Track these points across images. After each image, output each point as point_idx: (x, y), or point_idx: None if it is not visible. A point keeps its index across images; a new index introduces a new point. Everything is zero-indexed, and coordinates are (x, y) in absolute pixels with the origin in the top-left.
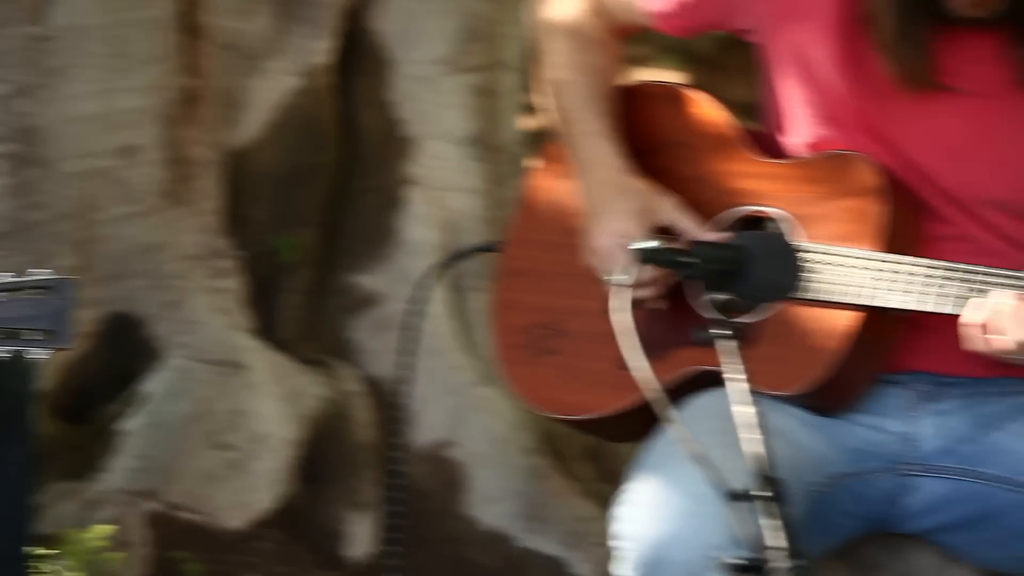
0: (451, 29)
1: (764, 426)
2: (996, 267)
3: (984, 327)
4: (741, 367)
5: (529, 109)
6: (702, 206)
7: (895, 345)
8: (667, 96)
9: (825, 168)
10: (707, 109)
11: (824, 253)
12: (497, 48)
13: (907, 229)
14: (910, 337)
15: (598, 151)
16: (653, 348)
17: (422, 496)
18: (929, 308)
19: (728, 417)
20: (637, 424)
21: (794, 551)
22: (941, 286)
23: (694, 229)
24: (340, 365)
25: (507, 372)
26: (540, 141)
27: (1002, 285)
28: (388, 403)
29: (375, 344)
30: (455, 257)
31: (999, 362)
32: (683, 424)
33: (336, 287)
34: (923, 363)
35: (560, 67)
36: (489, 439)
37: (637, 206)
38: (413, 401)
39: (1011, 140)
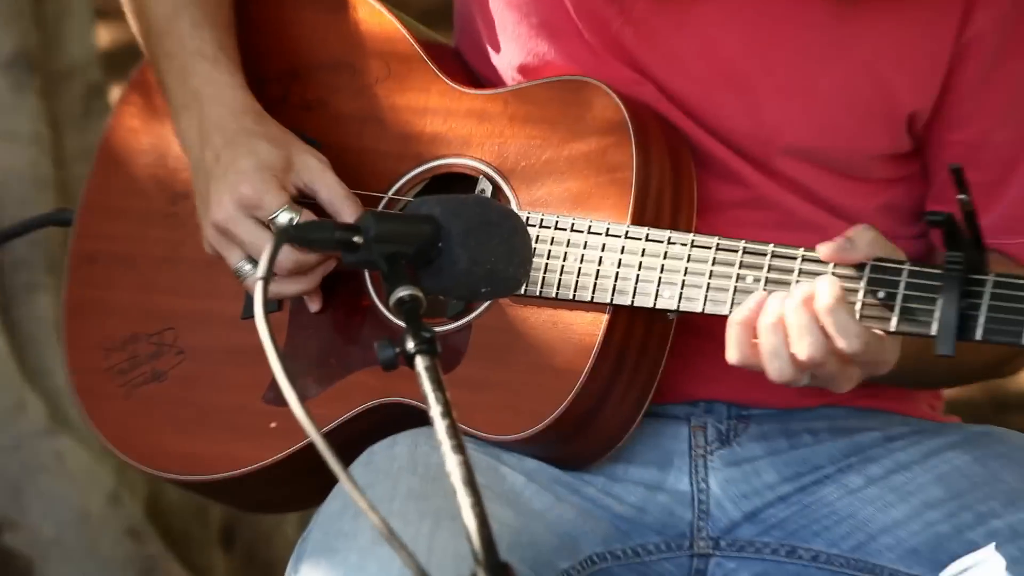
0: None
1: (478, 487)
2: (811, 246)
3: (754, 331)
4: (445, 398)
5: (106, 15)
6: (373, 159)
7: (668, 364)
8: None
9: (547, 102)
10: (372, 14)
11: (555, 227)
12: None
13: (675, 190)
14: (691, 352)
15: (209, 81)
16: (319, 371)
17: None
18: (719, 310)
19: (432, 474)
20: (294, 486)
21: None
22: (739, 277)
23: (345, 198)
24: None
25: (89, 411)
26: (125, 64)
27: (817, 274)
28: None
29: None
30: (3, 236)
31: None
32: (365, 486)
33: None
34: (711, 389)
35: None
36: (64, 517)
37: (272, 161)
38: None
39: (810, 51)
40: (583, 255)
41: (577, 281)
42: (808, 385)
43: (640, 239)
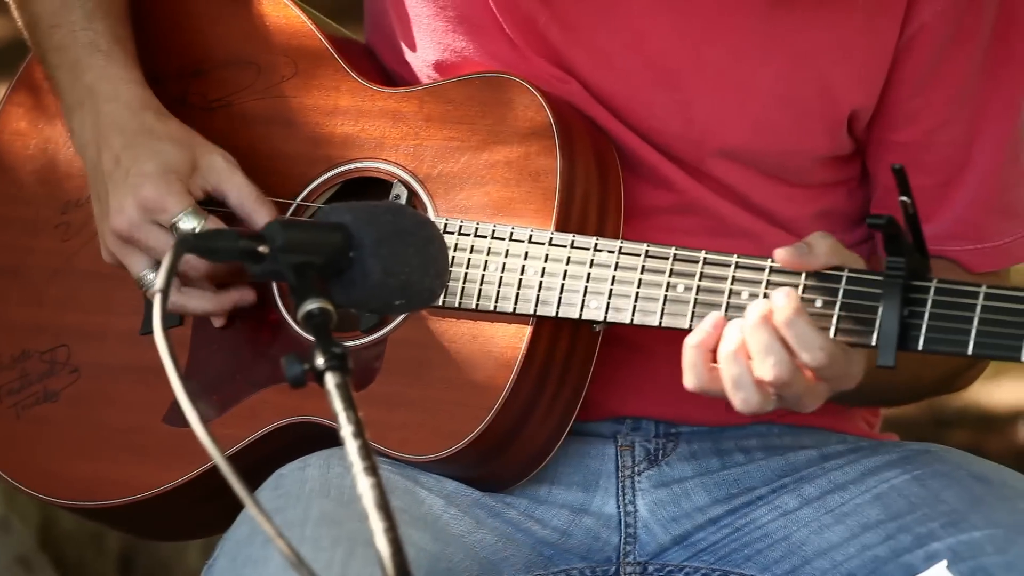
0: None
1: (392, 511)
2: (746, 253)
3: (712, 355)
4: (356, 418)
5: None
6: (280, 163)
7: (594, 379)
8: None
9: (465, 101)
10: (277, 7)
11: (474, 235)
12: None
13: (602, 195)
14: (618, 365)
15: (105, 76)
16: (224, 389)
17: None
18: (649, 321)
19: (346, 497)
20: (197, 511)
21: None
22: (669, 286)
23: (256, 200)
24: None
25: None
26: (10, 60)
27: (753, 283)
28: None
29: None
30: None
31: None
32: (274, 510)
33: None
34: (638, 405)
35: None
36: None
37: (176, 162)
38: None
39: (745, 45)
40: (504, 264)
41: (498, 291)
42: (775, 408)
43: (565, 246)
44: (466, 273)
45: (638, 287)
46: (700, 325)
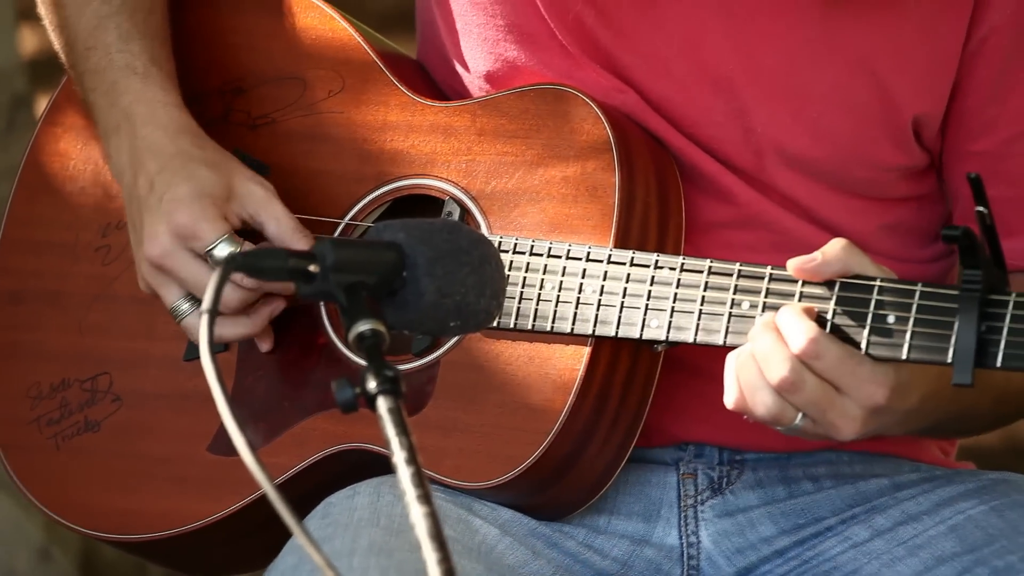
0: None
1: (446, 541)
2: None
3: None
4: (410, 443)
5: (30, 18)
6: (327, 181)
7: (655, 403)
8: (255, 0)
9: (519, 114)
10: (323, 20)
11: (530, 253)
12: None
13: (662, 210)
14: (680, 389)
15: (141, 99)
16: (272, 416)
17: None
18: (713, 340)
19: (396, 526)
20: (243, 544)
21: None
22: (734, 303)
23: (295, 231)
24: None
25: (15, 466)
26: (54, 73)
27: (822, 298)
28: None
29: None
30: None
31: None
32: (322, 539)
33: None
34: (702, 431)
35: None
36: None
37: (211, 188)
38: None
39: (802, 51)
40: (561, 282)
41: (555, 311)
42: (803, 429)
43: (624, 264)
44: (522, 292)
45: (701, 304)
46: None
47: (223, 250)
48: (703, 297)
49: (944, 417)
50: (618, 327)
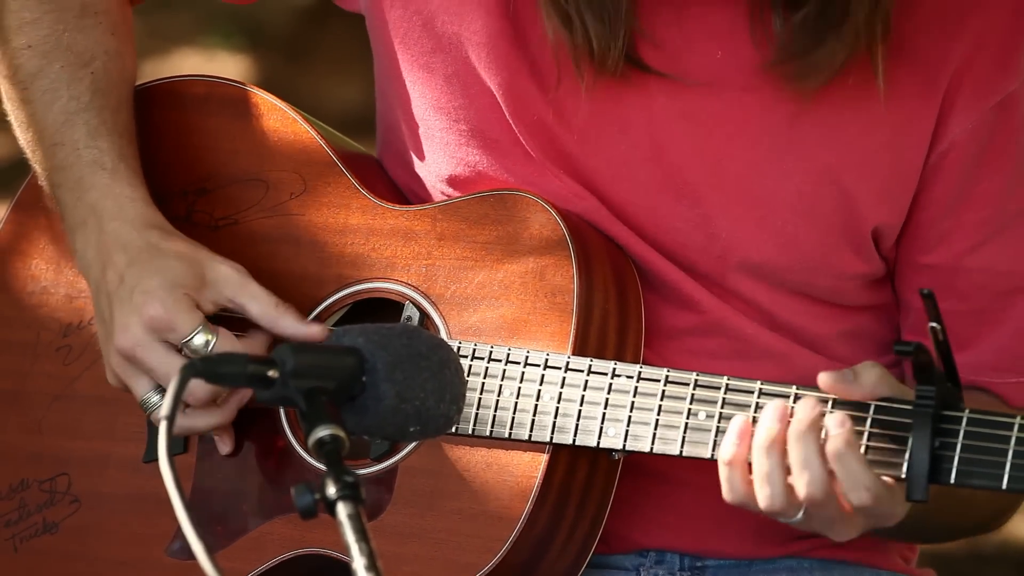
0: None
1: None
2: (772, 380)
3: (748, 467)
4: (370, 550)
5: None
6: (289, 283)
7: (614, 509)
8: (220, 102)
9: (479, 219)
10: (286, 123)
11: (489, 359)
12: None
13: (621, 316)
14: (639, 495)
15: (109, 194)
16: (230, 520)
17: None
18: (669, 450)
19: None
20: None
21: None
22: (690, 413)
23: (278, 307)
24: None
25: None
26: (11, 179)
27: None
28: None
29: None
30: None
31: (775, 532)
32: None
33: None
34: (662, 537)
35: (33, 53)
36: None
37: (183, 278)
38: None
39: (767, 159)
40: (520, 389)
41: (513, 418)
42: (800, 524)
43: (582, 371)
44: (480, 398)
45: (658, 414)
46: (727, 436)
47: (199, 340)
48: (660, 407)
49: (907, 526)
50: (575, 435)
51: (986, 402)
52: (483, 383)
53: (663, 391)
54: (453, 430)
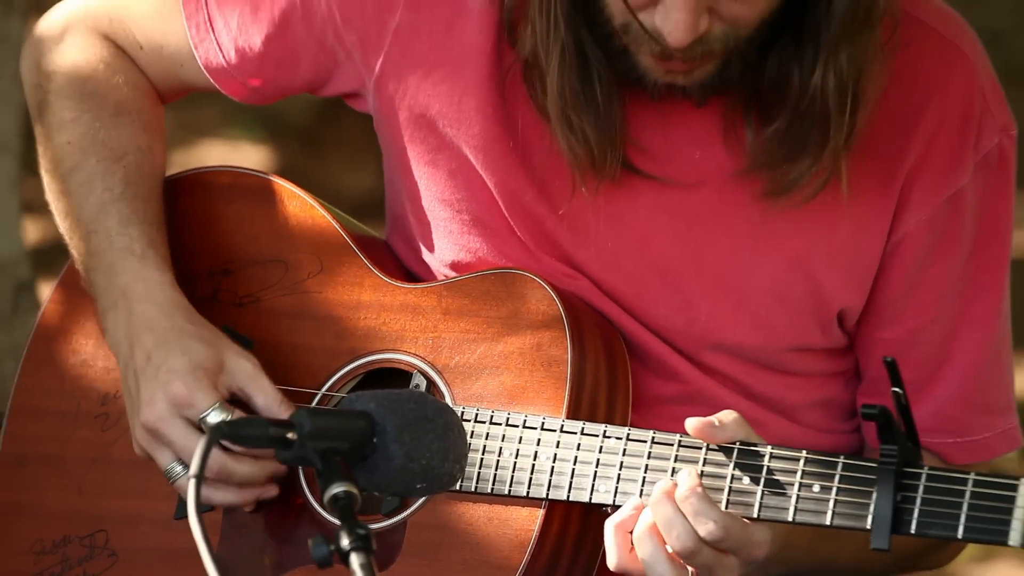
0: None
1: None
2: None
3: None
4: None
5: (33, 210)
6: (306, 355)
7: (603, 560)
8: (243, 190)
9: (481, 295)
10: (303, 209)
11: (490, 422)
12: None
13: (610, 384)
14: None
15: (138, 278)
16: (254, 571)
17: None
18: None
19: None
20: None
21: None
22: (674, 471)
23: (281, 404)
24: None
25: None
26: (55, 260)
27: (754, 468)
28: None
29: None
30: None
31: None
32: None
33: None
34: None
35: (72, 148)
36: None
37: (204, 361)
38: None
39: (742, 249)
40: (518, 449)
41: (512, 476)
42: None
43: (575, 433)
44: (482, 458)
45: (645, 472)
46: (622, 508)
47: (215, 417)
48: (647, 466)
49: (801, 564)
50: (569, 491)
51: (930, 459)
52: (485, 444)
53: (649, 451)
54: (457, 487)
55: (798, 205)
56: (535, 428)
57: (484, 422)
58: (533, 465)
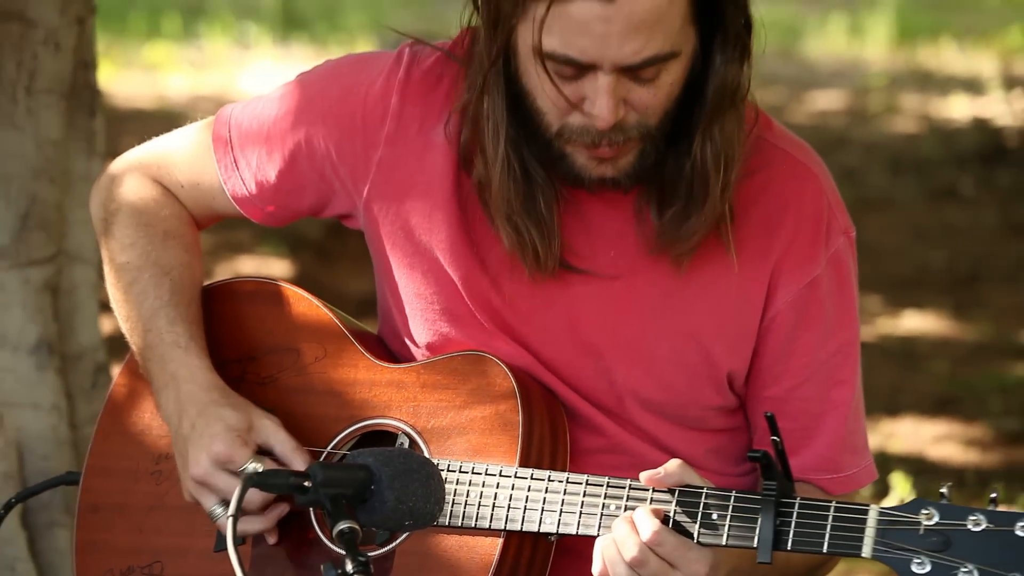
0: (10, 216)
1: None
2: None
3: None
4: None
5: (109, 310)
6: (314, 422)
7: None
8: (264, 294)
9: (450, 372)
10: (311, 308)
11: (459, 471)
12: (66, 237)
13: (553, 440)
14: (568, 569)
15: (184, 364)
16: None
17: None
18: (590, 532)
19: None
20: None
21: None
22: (604, 506)
23: (294, 451)
24: None
25: None
26: (125, 348)
27: (666, 502)
28: None
29: None
30: (28, 493)
31: None
32: None
33: None
34: None
35: (131, 267)
36: None
37: (236, 424)
38: None
39: (649, 326)
40: (482, 492)
41: (478, 512)
42: None
43: (526, 479)
44: (454, 499)
45: (581, 507)
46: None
47: (251, 467)
48: (583, 502)
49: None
50: (522, 523)
51: (812, 492)
52: (455, 488)
53: (584, 491)
54: (437, 523)
55: (692, 288)
56: (495, 475)
57: (455, 471)
58: (493, 503)
